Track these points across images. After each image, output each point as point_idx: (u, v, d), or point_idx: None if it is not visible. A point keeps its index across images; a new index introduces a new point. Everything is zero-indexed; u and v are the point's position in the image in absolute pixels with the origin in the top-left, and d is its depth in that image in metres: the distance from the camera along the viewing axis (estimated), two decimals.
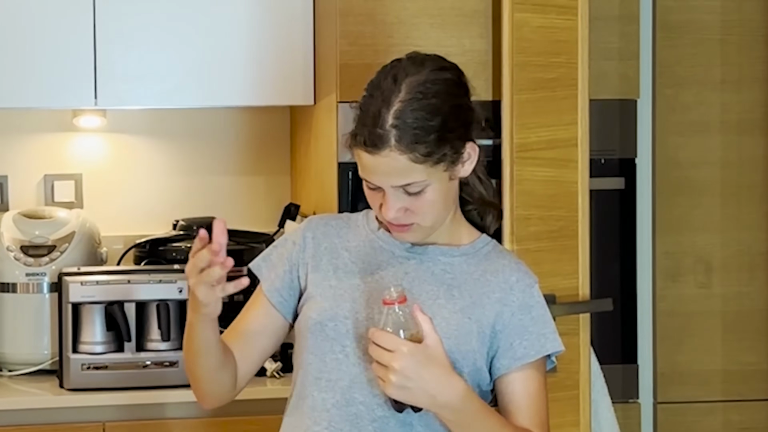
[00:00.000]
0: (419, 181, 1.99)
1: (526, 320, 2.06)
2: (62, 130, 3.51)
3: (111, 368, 3.03)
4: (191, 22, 3.22)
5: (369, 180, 2.01)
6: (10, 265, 3.19)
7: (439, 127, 1.98)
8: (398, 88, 1.99)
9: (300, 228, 2.19)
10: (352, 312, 2.07)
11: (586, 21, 2.84)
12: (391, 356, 1.89)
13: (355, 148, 2.00)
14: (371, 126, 1.97)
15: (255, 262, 2.21)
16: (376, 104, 1.99)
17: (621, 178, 3.11)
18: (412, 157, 1.96)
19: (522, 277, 2.10)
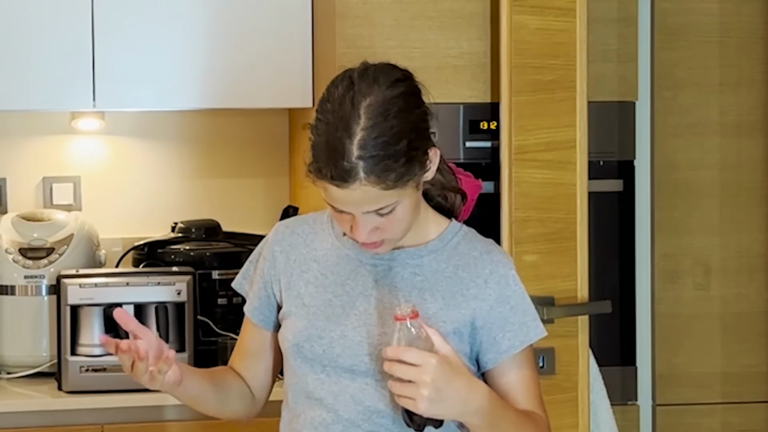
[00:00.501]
0: (390, 204, 1.94)
1: (506, 312, 2.04)
2: (61, 133, 3.51)
3: (110, 370, 3.03)
4: (190, 25, 3.22)
5: (338, 206, 1.96)
6: (8, 267, 3.19)
7: (405, 151, 1.92)
8: (357, 114, 1.91)
9: (268, 240, 2.18)
10: (327, 330, 2.06)
11: (584, 23, 2.84)
12: (420, 371, 1.87)
13: (321, 181, 1.94)
14: (336, 160, 1.90)
15: (237, 281, 2.23)
16: (336, 134, 1.91)
17: (619, 180, 3.10)
18: (383, 186, 1.91)
19: (495, 267, 2.06)
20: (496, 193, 2.91)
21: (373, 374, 2.02)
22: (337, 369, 2.04)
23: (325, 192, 1.95)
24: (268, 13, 3.23)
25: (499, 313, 2.04)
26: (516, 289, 2.06)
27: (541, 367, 2.81)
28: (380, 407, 2.02)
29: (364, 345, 2.02)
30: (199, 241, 3.34)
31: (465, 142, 2.98)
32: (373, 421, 2.02)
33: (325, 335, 2.05)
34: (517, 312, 2.05)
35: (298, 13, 3.23)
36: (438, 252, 2.07)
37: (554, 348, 2.83)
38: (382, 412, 2.02)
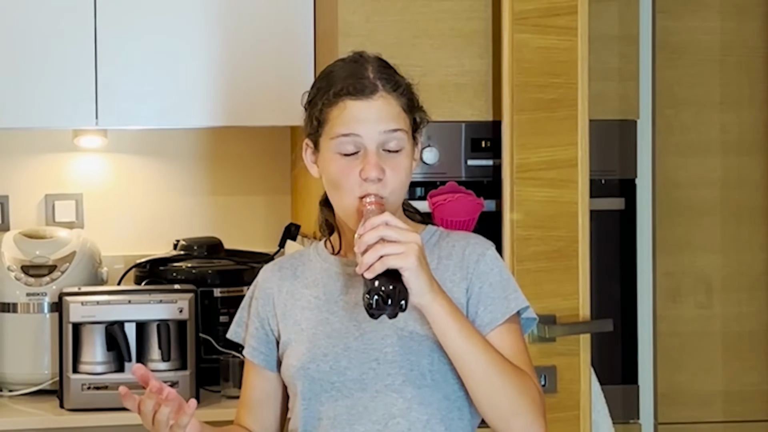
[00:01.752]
0: (400, 136, 2.03)
1: (486, 288, 2.07)
2: (63, 150, 3.52)
3: (111, 388, 3.03)
4: (192, 43, 3.23)
5: (354, 130, 2.01)
6: (10, 284, 3.19)
7: (408, 90, 2.08)
8: (365, 58, 2.08)
9: (257, 283, 2.21)
10: (330, 347, 2.07)
11: (585, 42, 2.85)
12: (406, 233, 1.91)
13: (341, 100, 2.02)
14: (356, 78, 2.03)
15: (232, 330, 2.24)
16: (346, 68, 2.06)
17: (621, 199, 3.10)
18: (401, 102, 2.04)
19: (473, 249, 2.10)
20: (497, 211, 2.91)
21: (383, 379, 2.03)
22: (347, 383, 2.05)
23: (342, 114, 2.02)
24: (270, 32, 3.24)
25: (480, 288, 2.07)
26: (494, 267, 2.10)
27: (543, 386, 2.79)
28: (394, 412, 2.03)
29: (369, 352, 2.04)
30: (201, 259, 3.34)
31: (467, 160, 2.98)
32: (389, 429, 2.03)
33: (330, 351, 2.06)
34: (496, 287, 2.08)
35: (301, 32, 3.23)
36: None
37: (556, 366, 2.83)
38: (396, 417, 2.03)
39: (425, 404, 2.04)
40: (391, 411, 2.03)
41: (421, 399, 2.03)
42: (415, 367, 2.03)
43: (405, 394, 2.03)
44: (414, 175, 2.87)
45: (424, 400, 2.03)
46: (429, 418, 2.03)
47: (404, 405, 2.03)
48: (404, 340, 2.04)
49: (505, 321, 2.06)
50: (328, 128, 2.04)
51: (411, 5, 2.95)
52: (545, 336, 2.79)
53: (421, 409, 2.03)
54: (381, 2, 2.94)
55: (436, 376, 2.04)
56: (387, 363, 2.01)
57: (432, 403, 2.04)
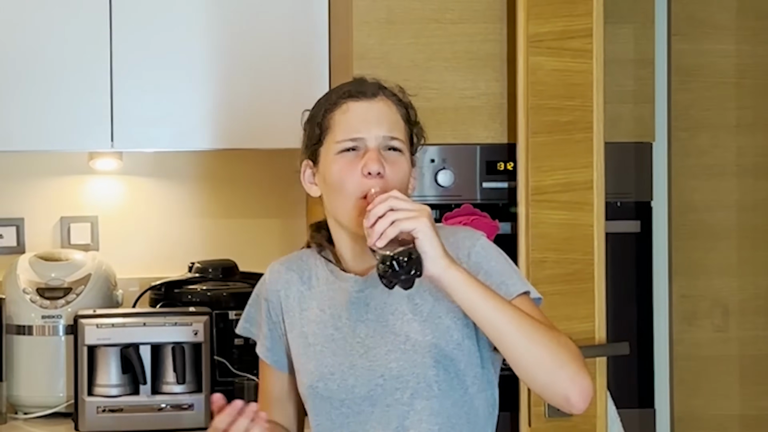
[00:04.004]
0: (400, 141, 2.06)
1: (482, 277, 2.02)
2: (79, 173, 3.52)
3: (126, 411, 3.02)
4: (207, 66, 3.23)
5: (355, 134, 2.04)
6: (26, 307, 3.19)
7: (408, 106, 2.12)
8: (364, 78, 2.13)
9: (266, 282, 2.22)
10: (336, 365, 2.09)
11: (600, 64, 2.84)
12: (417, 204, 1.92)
13: (343, 102, 2.07)
14: (359, 84, 2.09)
15: (241, 326, 2.27)
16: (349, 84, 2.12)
17: (637, 221, 3.09)
18: (400, 111, 2.09)
19: (462, 243, 2.08)
20: (513, 233, 2.90)
21: (392, 394, 2.05)
22: (356, 399, 2.07)
23: (344, 116, 2.06)
24: (285, 54, 3.24)
25: None
26: (486, 255, 2.08)
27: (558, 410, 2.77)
28: (406, 425, 2.05)
29: (374, 369, 2.06)
30: (216, 281, 3.34)
31: (482, 182, 2.97)
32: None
33: (336, 370, 2.08)
34: (491, 275, 2.04)
35: (316, 54, 3.24)
36: None
37: None
38: (408, 429, 2.05)
39: (435, 414, 2.05)
40: (404, 424, 2.05)
41: (431, 410, 2.05)
42: (421, 380, 2.04)
43: (415, 406, 2.04)
44: (429, 197, 2.94)
45: (433, 411, 2.05)
46: (440, 428, 2.05)
47: (416, 417, 2.04)
48: (408, 354, 2.05)
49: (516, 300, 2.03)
50: (331, 134, 2.08)
51: (426, 28, 2.95)
52: None
53: (432, 420, 2.05)
54: (396, 25, 2.95)
55: (442, 385, 2.05)
56: (393, 378, 2.03)
57: (441, 412, 2.05)
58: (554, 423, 2.80)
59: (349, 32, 2.98)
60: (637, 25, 3.09)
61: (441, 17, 2.96)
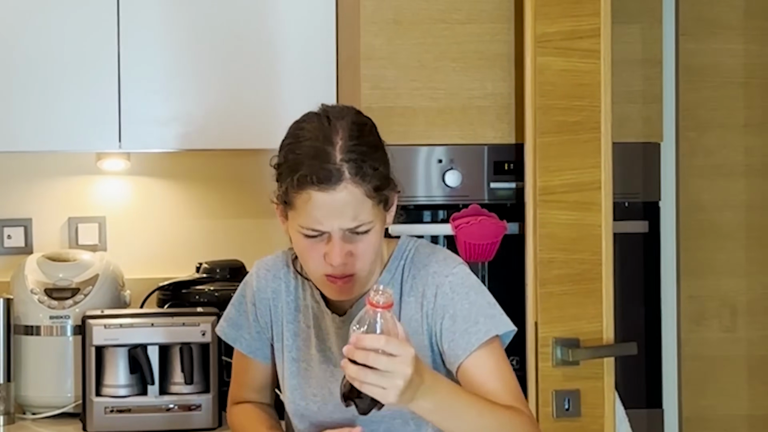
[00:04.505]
0: (367, 222, 1.98)
1: (447, 323, 2.03)
2: (86, 173, 3.52)
3: (134, 411, 3.02)
4: (214, 66, 3.23)
5: (317, 226, 1.97)
6: (34, 308, 3.19)
7: (382, 161, 2.00)
8: (335, 129, 1.98)
9: (252, 286, 2.23)
10: (319, 388, 2.12)
11: (608, 64, 2.84)
12: (400, 360, 1.79)
13: (304, 190, 1.95)
14: (321, 164, 1.94)
15: (221, 328, 2.28)
16: (315, 144, 1.97)
17: (645, 222, 3.09)
18: (366, 191, 1.96)
19: (432, 280, 2.06)
20: (520, 234, 2.90)
21: (368, 426, 2.05)
22: (333, 423, 2.08)
23: (306, 205, 1.96)
24: (292, 55, 3.24)
25: (441, 325, 2.04)
26: (454, 297, 2.04)
27: (566, 410, 2.79)
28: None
29: None
30: (224, 282, 3.33)
31: (489, 183, 2.97)
32: None
33: (318, 392, 2.12)
34: (456, 320, 2.03)
35: (322, 55, 3.24)
36: (389, 284, 2.09)
37: (580, 390, 2.81)
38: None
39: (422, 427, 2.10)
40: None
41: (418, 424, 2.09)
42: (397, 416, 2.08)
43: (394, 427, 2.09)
44: (436, 197, 2.94)
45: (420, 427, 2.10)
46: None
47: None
48: None
49: (478, 348, 2.02)
50: (294, 213, 2.00)
51: (433, 28, 2.95)
52: (569, 359, 2.77)
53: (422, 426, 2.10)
54: (403, 25, 2.94)
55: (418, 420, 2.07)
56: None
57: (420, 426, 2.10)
58: (562, 423, 2.80)
59: (356, 33, 2.98)
60: (644, 25, 3.09)
61: (448, 17, 2.96)
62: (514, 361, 2.95)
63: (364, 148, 1.98)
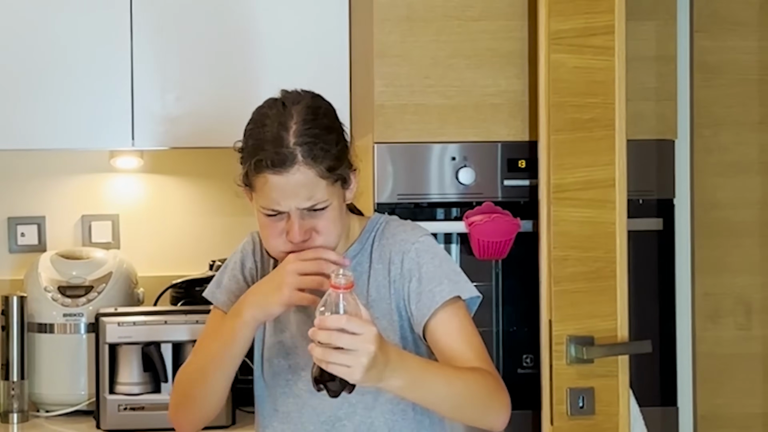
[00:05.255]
0: (322, 201, 2.10)
1: (414, 285, 2.15)
2: (100, 171, 3.53)
3: (148, 409, 3.03)
4: (228, 63, 3.23)
5: (275, 206, 2.10)
6: (47, 305, 3.20)
7: (335, 143, 2.13)
8: (290, 114, 2.11)
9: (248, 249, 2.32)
10: (291, 346, 2.21)
11: (622, 61, 2.82)
12: (363, 339, 1.87)
13: (261, 173, 2.09)
14: (276, 148, 2.08)
15: (209, 290, 2.34)
16: (271, 130, 2.10)
17: (659, 219, 3.07)
18: (319, 172, 2.09)
19: (400, 247, 2.19)
20: (534, 231, 2.89)
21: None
22: (299, 382, 2.20)
23: (263, 189, 2.10)
24: (305, 53, 3.24)
25: (408, 288, 2.16)
26: (419, 261, 2.17)
27: (581, 407, 2.79)
28: (340, 415, 2.18)
29: None
30: None
31: (503, 180, 2.96)
32: (336, 430, 2.18)
33: (291, 350, 2.20)
34: (422, 281, 2.15)
35: (336, 52, 3.24)
36: (359, 255, 2.22)
37: (594, 388, 2.80)
38: (342, 420, 2.18)
39: (369, 408, 2.18)
40: (337, 414, 2.18)
41: (365, 404, 2.17)
42: None
43: (349, 399, 2.10)
44: (450, 195, 2.93)
45: (367, 405, 2.17)
46: (373, 422, 2.18)
47: (349, 409, 2.17)
48: None
49: (441, 309, 2.13)
50: (255, 195, 2.15)
51: (447, 25, 2.94)
52: (583, 357, 2.76)
53: (365, 413, 2.18)
54: (417, 22, 2.94)
55: None
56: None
57: (375, 407, 2.18)
58: (576, 421, 2.79)
59: (369, 30, 2.97)
60: (659, 21, 3.07)
61: (462, 14, 2.95)
62: (528, 359, 2.95)
63: (316, 131, 2.11)
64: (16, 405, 3.14)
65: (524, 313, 2.94)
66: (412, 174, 2.95)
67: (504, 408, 2.12)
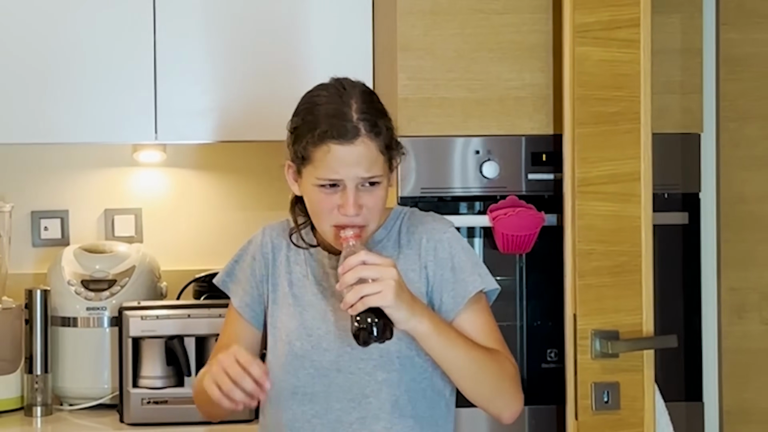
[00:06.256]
0: (378, 175, 2.19)
1: (446, 274, 2.25)
2: (123, 165, 3.53)
3: (171, 403, 3.03)
4: (251, 56, 3.23)
5: (334, 175, 2.16)
6: (71, 299, 3.20)
7: (389, 125, 2.23)
8: (349, 94, 2.21)
9: (257, 242, 2.38)
10: (314, 328, 2.26)
11: (648, 54, 2.80)
12: (383, 268, 2.05)
13: (324, 143, 2.16)
14: (340, 121, 2.16)
15: (219, 278, 2.42)
16: (336, 106, 2.19)
17: (684, 213, 3.05)
18: (379, 146, 2.18)
19: (430, 235, 2.28)
20: (558, 225, 2.88)
21: (356, 363, 2.23)
22: (325, 363, 2.25)
23: (326, 157, 2.16)
24: (328, 46, 3.23)
25: (441, 276, 2.26)
26: (452, 251, 2.27)
27: (605, 402, 2.77)
28: (366, 392, 2.24)
29: (344, 338, 2.21)
30: None
31: (527, 174, 2.95)
32: (362, 407, 2.24)
33: (314, 332, 2.25)
34: (455, 271, 2.26)
35: (359, 46, 3.22)
36: (384, 240, 2.30)
37: (619, 383, 2.79)
38: (368, 397, 2.24)
39: (394, 386, 2.24)
40: (364, 391, 2.24)
41: (390, 381, 2.24)
42: (384, 354, 2.22)
43: (376, 377, 2.23)
44: (473, 188, 2.93)
45: (393, 383, 2.24)
46: (398, 399, 2.24)
47: (376, 386, 2.24)
48: None
49: (470, 302, 2.24)
50: (312, 167, 2.20)
51: (471, 18, 2.93)
52: (608, 352, 2.75)
53: (390, 391, 2.24)
54: (440, 16, 2.93)
55: (404, 361, 2.24)
56: (359, 349, 2.13)
57: (400, 385, 2.24)
58: (601, 416, 2.78)
59: (393, 23, 2.97)
60: (684, 14, 3.05)
61: (486, 7, 2.94)
62: (552, 353, 2.94)
63: (375, 111, 2.21)
64: (39, 398, 3.14)
65: (548, 307, 2.93)
66: (436, 168, 2.94)
67: (517, 400, 2.23)
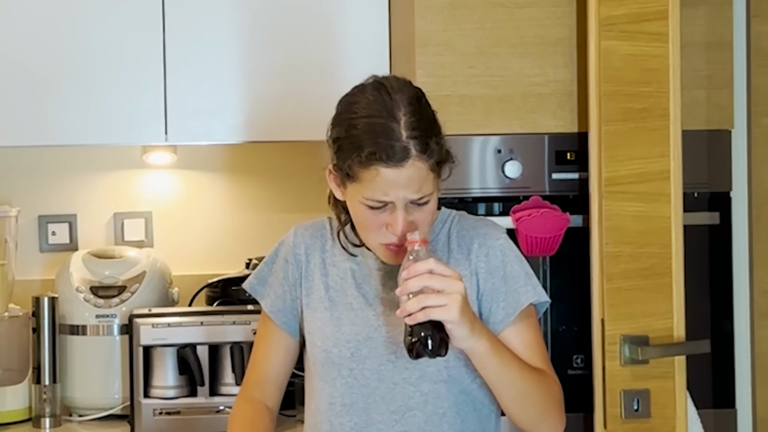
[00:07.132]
0: (428, 193, 2.09)
1: (498, 283, 2.17)
2: (132, 167, 3.52)
3: (184, 413, 2.99)
4: (262, 57, 3.19)
5: (383, 197, 2.06)
6: (79, 306, 3.17)
7: (439, 134, 2.11)
8: (396, 104, 2.07)
9: (287, 244, 2.29)
10: (353, 334, 2.16)
11: (677, 48, 2.75)
12: (451, 281, 1.95)
13: (372, 166, 2.04)
14: (389, 141, 2.04)
15: (249, 282, 2.32)
16: (382, 122, 2.05)
17: (715, 213, 2.98)
18: (430, 165, 2.07)
19: (483, 240, 2.19)
20: (584, 227, 2.82)
21: (401, 373, 2.13)
22: (365, 371, 2.15)
23: (375, 179, 2.05)
24: (343, 44, 3.20)
25: (492, 284, 2.17)
26: (504, 259, 2.19)
27: (635, 410, 2.71)
28: (411, 405, 2.13)
29: (388, 345, 2.14)
30: None
31: (551, 173, 2.89)
32: (405, 421, 2.13)
33: (352, 339, 2.15)
34: (508, 280, 2.17)
35: (376, 42, 3.19)
36: (432, 243, 2.20)
37: (649, 390, 2.72)
38: (413, 410, 2.13)
39: (441, 398, 2.14)
40: (408, 404, 2.13)
41: (438, 393, 2.14)
42: (431, 363, 2.10)
43: (422, 388, 2.13)
44: (494, 189, 2.88)
45: (440, 395, 2.14)
46: (445, 412, 2.13)
47: (421, 399, 2.13)
48: None
49: (520, 315, 2.15)
50: (359, 186, 2.09)
51: (491, 12, 2.88)
52: (638, 358, 2.69)
53: (437, 403, 2.13)
54: (459, 10, 2.88)
55: (452, 372, 2.14)
56: (405, 357, 2.03)
57: (448, 397, 2.14)
58: (630, 425, 2.72)
59: (410, 18, 2.92)
60: (713, 6, 2.99)
61: (507, 1, 2.90)
62: (579, 359, 2.88)
63: (425, 124, 2.08)
64: (48, 409, 3.11)
65: (574, 311, 2.87)
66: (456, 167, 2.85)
67: (560, 424, 2.16)
